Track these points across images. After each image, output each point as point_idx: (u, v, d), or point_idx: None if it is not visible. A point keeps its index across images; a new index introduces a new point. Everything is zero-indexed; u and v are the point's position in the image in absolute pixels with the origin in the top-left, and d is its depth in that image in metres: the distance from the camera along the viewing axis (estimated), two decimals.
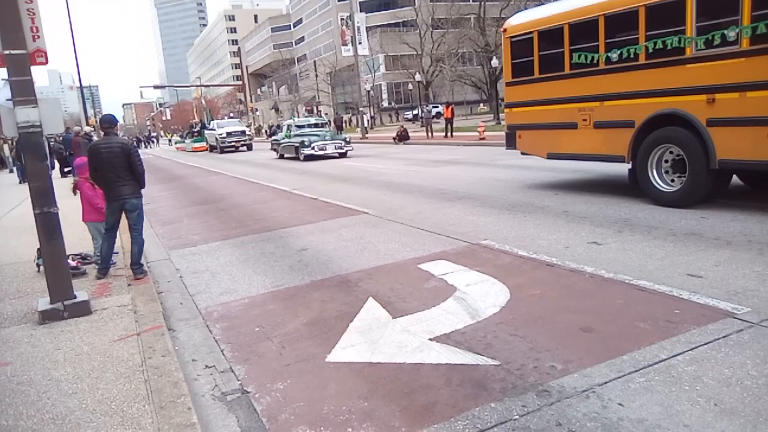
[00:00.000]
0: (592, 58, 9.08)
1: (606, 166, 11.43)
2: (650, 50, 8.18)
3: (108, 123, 6.83)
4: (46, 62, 5.64)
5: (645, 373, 3.55)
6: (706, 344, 3.85)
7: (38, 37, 5.47)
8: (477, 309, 4.86)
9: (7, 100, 5.34)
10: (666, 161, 8.40)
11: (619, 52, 8.64)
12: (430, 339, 4.35)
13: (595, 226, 7.49)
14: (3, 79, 5.33)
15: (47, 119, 5.38)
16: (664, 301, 4.72)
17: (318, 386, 3.82)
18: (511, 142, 11.37)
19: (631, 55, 8.46)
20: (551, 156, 10.52)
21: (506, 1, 47.07)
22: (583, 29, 9.21)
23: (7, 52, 5.07)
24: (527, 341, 4.16)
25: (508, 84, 11.20)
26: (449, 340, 4.29)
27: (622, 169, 11.26)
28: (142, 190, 6.90)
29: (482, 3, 48.56)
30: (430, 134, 30.34)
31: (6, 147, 34.11)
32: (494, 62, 42.44)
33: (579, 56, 9.30)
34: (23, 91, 5.19)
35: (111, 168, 6.49)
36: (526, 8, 36.25)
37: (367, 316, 4.97)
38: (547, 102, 10.14)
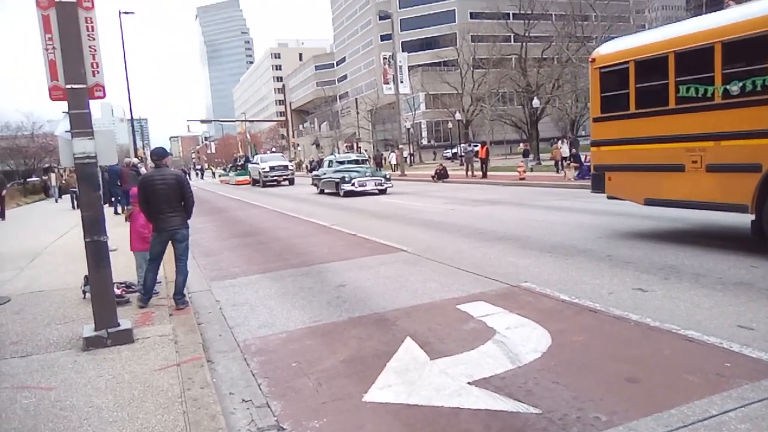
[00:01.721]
0: (705, 90, 8.03)
1: (663, 211, 11.04)
2: None
3: (158, 156, 7.09)
4: (104, 96, 5.87)
5: (694, 429, 3.41)
6: (759, 401, 3.67)
7: (98, 72, 5.71)
8: (517, 354, 4.76)
9: (66, 131, 5.58)
10: None
11: (741, 84, 7.57)
12: (469, 383, 4.27)
13: (640, 272, 7.30)
14: (63, 112, 5.57)
15: (102, 151, 5.59)
16: (714, 353, 4.55)
17: (354, 426, 3.78)
18: (598, 185, 10.25)
19: (758, 88, 7.39)
20: (649, 202, 9.34)
21: (548, 42, 47.30)
22: (693, 58, 8.24)
23: (69, 86, 5.32)
24: (570, 390, 4.04)
25: (596, 120, 10.19)
26: (489, 385, 4.20)
27: (677, 214, 10.98)
28: (189, 221, 7.05)
29: (524, 44, 48.96)
30: (470, 173, 30.25)
31: (53, 176, 35.25)
32: (535, 102, 42.43)
33: (688, 89, 8.24)
34: (81, 124, 5.42)
35: (165, 199, 6.66)
36: (568, 49, 36.24)
37: (405, 356, 4.92)
38: (646, 140, 9.07)
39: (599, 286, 6.74)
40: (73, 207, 23.84)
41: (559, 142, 31.04)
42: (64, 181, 34.17)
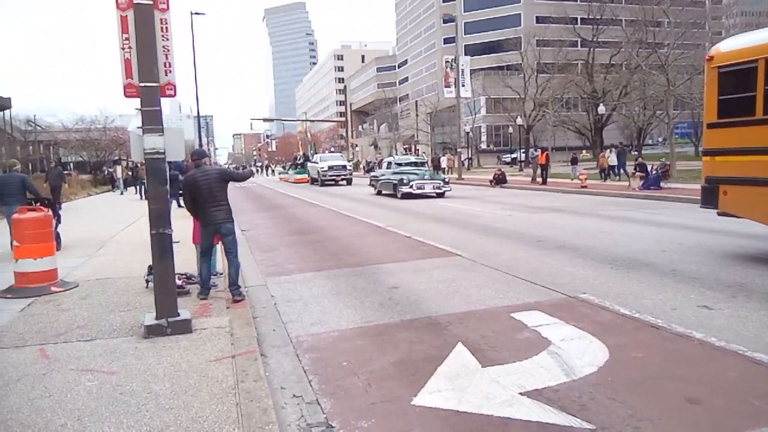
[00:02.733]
0: None
1: (732, 226, 10.33)
2: None
3: (198, 156, 7.50)
4: (175, 95, 6.07)
5: None
6: None
7: (170, 71, 5.91)
8: (573, 367, 4.64)
9: (138, 127, 5.81)
10: None
11: None
12: (521, 393, 4.19)
13: (705, 288, 6.99)
14: (136, 109, 5.80)
15: (170, 147, 5.80)
16: None
17: (402, 429, 3.77)
18: (709, 200, 9.14)
19: None
20: None
21: (617, 48, 46.01)
22: None
23: (142, 84, 5.54)
24: (627, 407, 3.91)
25: (710, 126, 9.10)
26: (541, 397, 4.11)
27: (748, 229, 10.38)
28: (242, 184, 7.46)
29: (591, 49, 47.78)
30: (535, 179, 29.49)
31: (119, 169, 36.32)
32: (601, 109, 41.31)
33: None
34: (152, 121, 5.63)
35: (209, 193, 6.93)
36: (638, 56, 35.10)
37: (456, 362, 4.88)
38: None
39: (662, 302, 6.48)
40: (141, 197, 24.90)
41: (607, 150, 30.84)
42: (129, 174, 35.43)
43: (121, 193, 33.97)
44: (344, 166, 39.29)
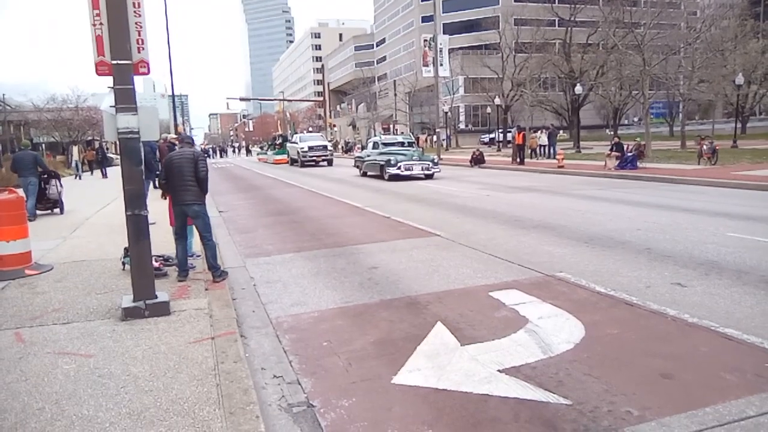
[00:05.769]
0: None
1: (705, 204, 10.70)
2: None
3: (188, 139, 7.55)
4: (148, 72, 5.95)
5: (730, 429, 3.34)
6: None
7: (143, 48, 5.79)
8: (549, 344, 4.72)
9: (111, 106, 5.69)
10: None
11: None
12: (499, 370, 4.25)
13: (679, 266, 7.13)
14: (109, 87, 5.67)
15: (145, 126, 5.69)
16: (754, 352, 4.43)
17: (383, 407, 3.81)
18: None
19: None
20: None
21: (594, 27, 46.11)
22: None
23: (114, 62, 5.41)
24: (602, 382, 3.99)
25: None
26: (519, 374, 4.18)
27: (719, 208, 10.66)
28: (208, 197, 7.18)
29: (569, 29, 47.83)
30: (515, 159, 29.34)
31: (76, 150, 32.98)
32: (578, 89, 41.51)
33: None
34: (125, 99, 5.52)
35: (179, 173, 6.85)
36: (614, 35, 35.17)
37: (435, 341, 4.92)
38: None
39: (636, 279, 6.60)
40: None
41: (538, 132, 34.28)
42: (95, 155, 33.77)
43: (75, 177, 29.72)
44: (325, 147, 38.75)
